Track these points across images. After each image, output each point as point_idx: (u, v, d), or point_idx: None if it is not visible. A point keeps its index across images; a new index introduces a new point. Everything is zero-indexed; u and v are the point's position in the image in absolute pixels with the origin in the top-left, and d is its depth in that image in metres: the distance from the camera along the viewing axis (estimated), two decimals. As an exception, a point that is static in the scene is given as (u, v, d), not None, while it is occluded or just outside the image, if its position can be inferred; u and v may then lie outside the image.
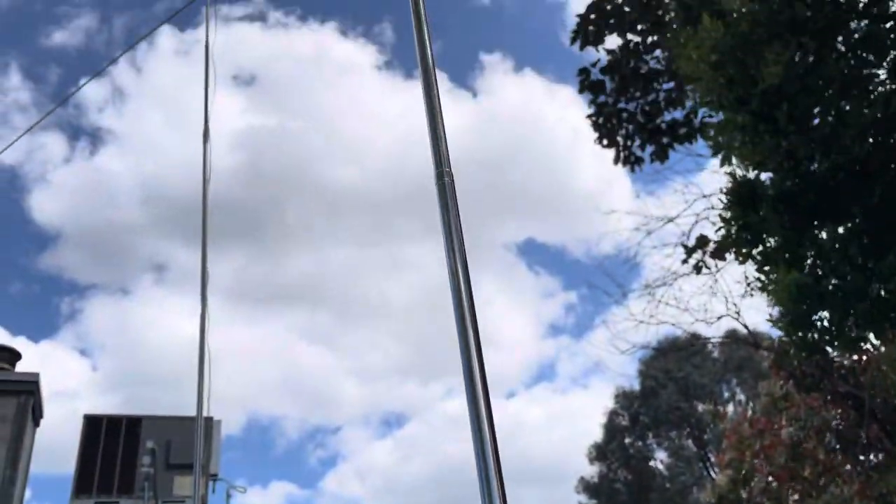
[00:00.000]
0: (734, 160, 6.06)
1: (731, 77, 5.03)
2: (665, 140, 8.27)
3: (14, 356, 6.42)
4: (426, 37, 2.56)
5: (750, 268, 5.99)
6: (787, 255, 5.26)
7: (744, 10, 4.94)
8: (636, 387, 24.06)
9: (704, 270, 8.35)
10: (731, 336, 14.33)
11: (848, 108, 4.97)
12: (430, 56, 2.40)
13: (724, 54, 4.97)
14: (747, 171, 5.22)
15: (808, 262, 5.18)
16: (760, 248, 5.50)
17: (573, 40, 8.31)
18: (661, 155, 8.40)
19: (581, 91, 8.34)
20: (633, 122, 8.45)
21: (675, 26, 6.82)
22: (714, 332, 23.51)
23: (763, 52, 4.86)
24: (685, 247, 8.45)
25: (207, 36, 7.60)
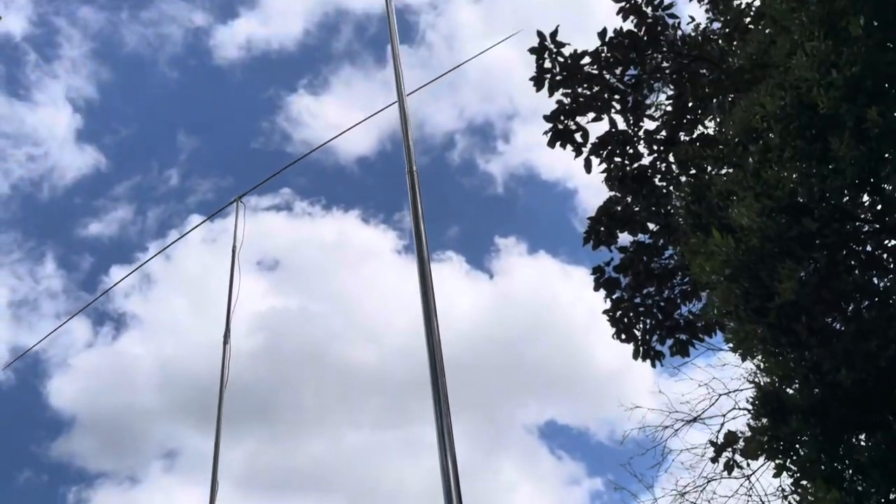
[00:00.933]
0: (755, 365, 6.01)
1: (747, 290, 5.10)
2: (684, 336, 8.29)
3: None
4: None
5: (786, 478, 5.76)
6: (823, 469, 5.06)
7: (753, 225, 5.10)
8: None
9: (736, 471, 8.02)
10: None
11: (867, 318, 4.98)
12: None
13: (737, 269, 5.07)
14: (773, 382, 5.16)
15: (847, 477, 4.96)
16: (794, 457, 5.32)
17: (585, 241, 8.58)
18: (681, 350, 8.37)
19: (596, 289, 8.48)
20: (651, 317, 8.51)
21: (685, 233, 7.05)
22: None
23: (776, 267, 4.96)
24: (713, 444, 8.18)
25: (235, 239, 7.87)
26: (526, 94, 8.58)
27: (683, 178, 8.55)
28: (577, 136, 8.53)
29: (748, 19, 9.03)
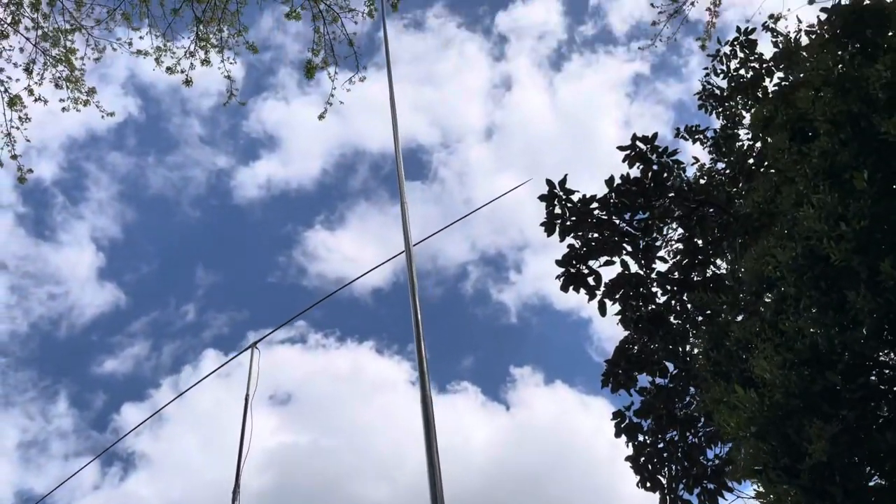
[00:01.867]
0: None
1: (775, 448, 4.92)
2: (712, 486, 7.94)
3: None
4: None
5: None
6: None
7: (776, 380, 4.99)
8: None
9: None
10: None
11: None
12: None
13: (763, 426, 4.91)
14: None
15: None
16: None
17: (604, 384, 8.42)
18: (710, 500, 8.00)
19: (618, 435, 8.22)
20: (676, 462, 8.19)
21: (705, 379, 6.91)
22: None
23: (803, 424, 4.80)
24: None
25: (248, 386, 7.78)
26: (536, 226, 8.72)
27: (700, 319, 8.49)
28: (590, 280, 8.56)
29: (751, 161, 9.27)
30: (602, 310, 8.37)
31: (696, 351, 7.32)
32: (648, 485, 8.24)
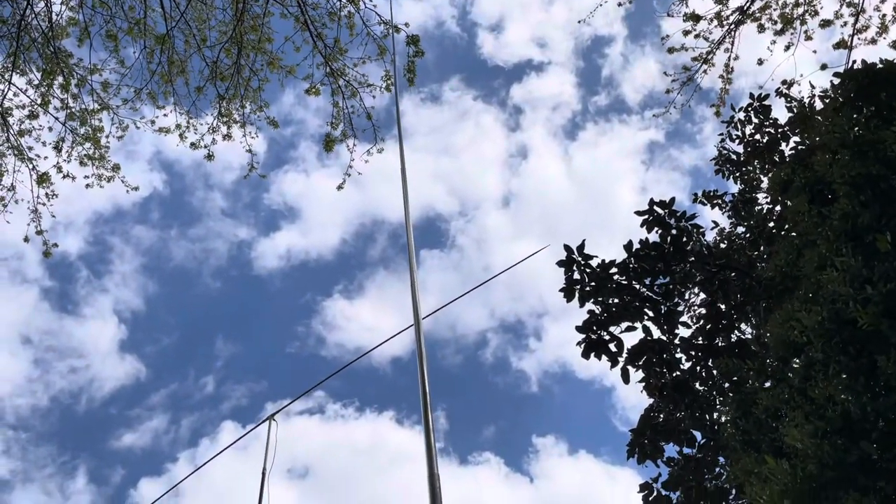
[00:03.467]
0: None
1: (811, 524, 4.71)
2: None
3: None
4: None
5: None
6: None
7: (808, 450, 4.81)
8: None
9: None
10: None
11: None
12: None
13: (798, 499, 4.71)
14: None
15: None
16: None
17: (630, 454, 8.18)
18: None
19: (646, 510, 7.94)
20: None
21: (734, 450, 6.70)
22: None
23: (839, 496, 4.61)
24: None
25: (266, 458, 7.67)
26: (555, 293, 8.65)
27: (726, 385, 8.29)
28: (612, 346, 8.43)
29: (771, 224, 9.21)
30: (625, 377, 8.21)
31: (723, 419, 7.11)
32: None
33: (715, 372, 8.45)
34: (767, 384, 6.34)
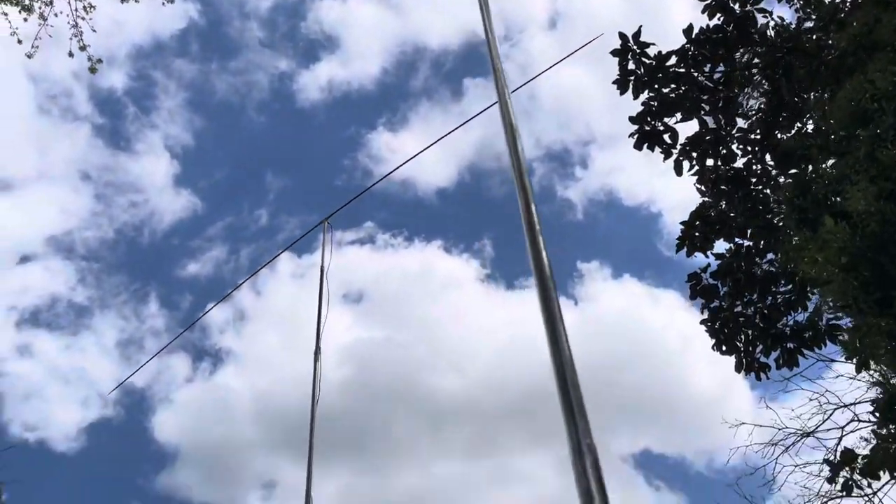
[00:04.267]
0: (873, 365, 5.52)
1: (867, 279, 4.67)
2: (791, 345, 7.73)
3: None
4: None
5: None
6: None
7: (871, 208, 4.69)
8: None
9: (856, 491, 7.37)
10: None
11: None
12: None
13: (856, 256, 4.65)
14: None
15: None
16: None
17: (679, 247, 8.18)
18: (789, 361, 7.81)
19: (693, 297, 8.05)
20: (753, 327, 7.99)
21: (788, 231, 6.61)
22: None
23: (899, 253, 4.53)
24: (829, 463, 7.57)
25: (323, 258, 7.89)
26: (602, 120, 8.33)
27: (782, 181, 8.08)
28: (666, 138, 8.19)
29: (842, 15, 8.55)
30: (678, 169, 8.03)
31: (780, 200, 6.94)
32: (724, 348, 8.09)
33: (771, 168, 8.22)
34: (830, 161, 6.14)
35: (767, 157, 8.11)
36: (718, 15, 8.09)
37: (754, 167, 8.29)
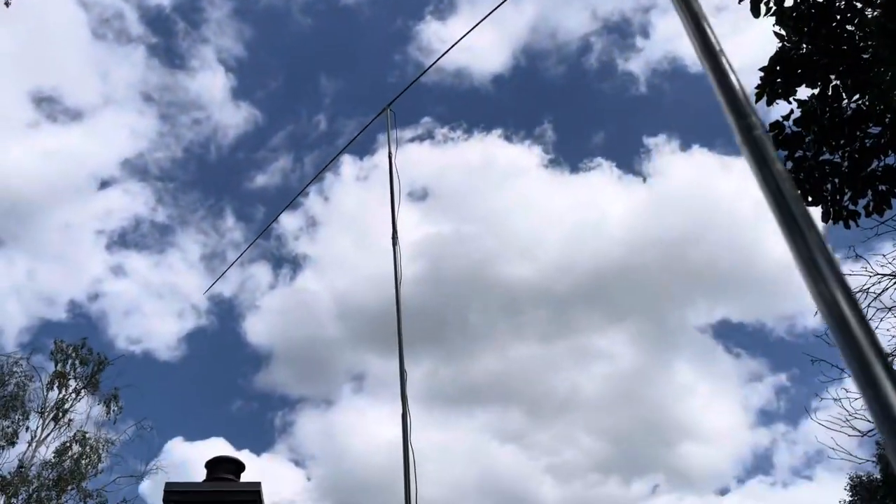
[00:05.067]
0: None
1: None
2: (883, 188, 7.40)
3: (239, 467, 6.75)
4: None
5: None
6: None
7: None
8: (876, 474, 21.04)
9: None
10: None
11: None
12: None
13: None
14: None
15: None
16: None
17: (759, 96, 7.79)
18: (880, 205, 7.50)
19: (777, 148, 7.72)
20: (840, 175, 7.67)
21: (880, 65, 6.20)
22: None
23: None
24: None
25: (390, 143, 7.92)
26: None
27: (870, 13, 7.50)
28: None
29: None
30: (755, 9, 7.54)
31: (871, 26, 6.45)
32: (811, 199, 7.82)
33: (858, 2, 7.61)
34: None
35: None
36: None
37: (838, 2, 7.71)
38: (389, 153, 7.91)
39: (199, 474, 6.61)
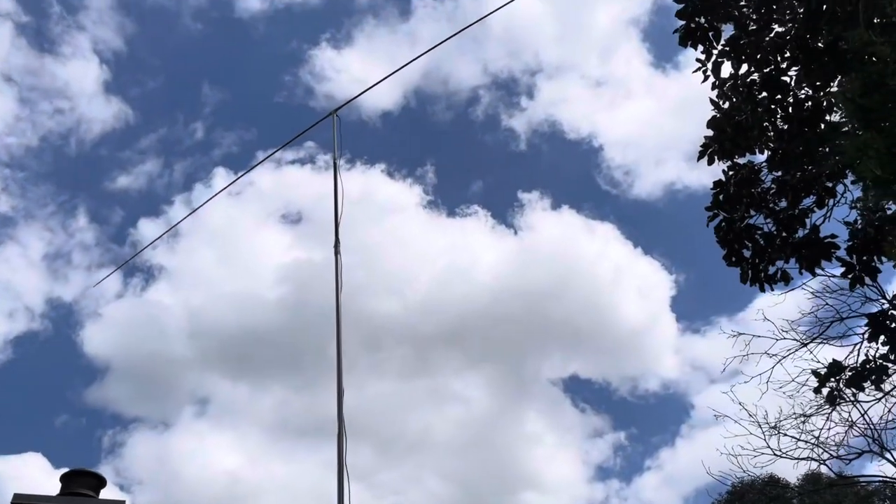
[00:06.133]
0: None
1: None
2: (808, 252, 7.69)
3: (100, 483, 6.48)
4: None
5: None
6: None
7: None
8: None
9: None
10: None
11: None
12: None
13: None
14: None
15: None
16: None
17: (701, 155, 8.10)
18: (810, 266, 7.78)
19: (714, 207, 8.02)
20: (765, 238, 8.03)
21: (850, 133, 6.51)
22: None
23: None
24: (816, 374, 7.89)
25: (335, 150, 7.94)
26: (550, 51, 7.92)
27: (828, 90, 7.74)
28: (710, 35, 7.87)
29: None
30: (717, 72, 7.79)
31: (843, 98, 6.69)
32: (734, 259, 8.13)
33: (813, 70, 7.78)
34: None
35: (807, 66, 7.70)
36: None
37: (790, 72, 7.92)
38: (334, 159, 7.98)
39: (5, 493, 6.12)
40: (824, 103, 7.85)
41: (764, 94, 7.79)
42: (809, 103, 7.89)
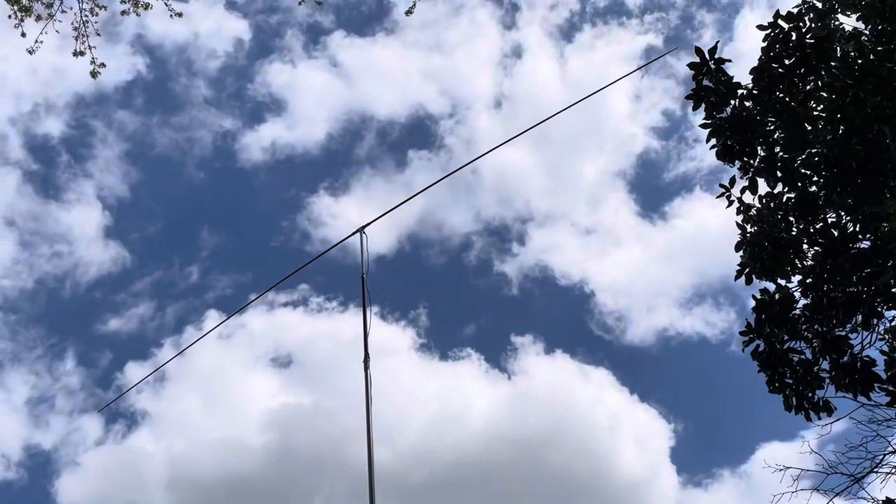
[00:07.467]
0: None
1: None
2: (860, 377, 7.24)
3: None
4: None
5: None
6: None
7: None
8: None
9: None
10: None
11: None
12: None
13: None
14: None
15: None
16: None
17: (738, 275, 7.90)
18: (864, 390, 7.29)
19: (746, 336, 7.71)
20: (804, 365, 7.63)
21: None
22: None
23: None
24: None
25: (363, 264, 7.95)
26: (540, 200, 8.04)
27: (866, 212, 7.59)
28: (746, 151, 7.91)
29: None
30: (753, 188, 7.75)
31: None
32: (777, 385, 7.71)
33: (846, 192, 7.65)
34: None
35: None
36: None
37: (821, 194, 7.84)
38: (362, 274, 8.04)
39: None
40: (858, 226, 7.72)
41: (798, 213, 7.70)
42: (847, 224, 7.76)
